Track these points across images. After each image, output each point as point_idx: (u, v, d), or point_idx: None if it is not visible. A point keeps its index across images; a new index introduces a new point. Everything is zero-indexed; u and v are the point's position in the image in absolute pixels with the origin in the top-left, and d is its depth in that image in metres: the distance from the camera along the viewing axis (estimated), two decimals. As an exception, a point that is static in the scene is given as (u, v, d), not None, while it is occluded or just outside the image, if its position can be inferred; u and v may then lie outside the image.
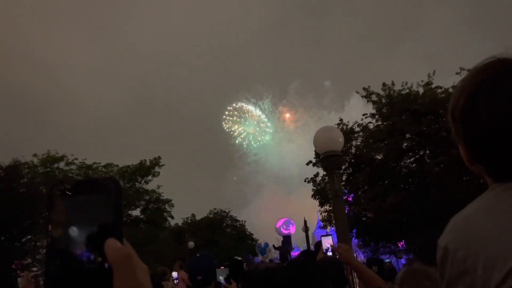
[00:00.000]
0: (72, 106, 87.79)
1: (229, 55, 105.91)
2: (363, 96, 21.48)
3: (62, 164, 24.81)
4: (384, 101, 20.79)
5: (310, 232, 29.72)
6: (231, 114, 75.43)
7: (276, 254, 22.35)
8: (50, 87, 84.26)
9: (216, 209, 45.10)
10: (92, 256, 0.53)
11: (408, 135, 19.83)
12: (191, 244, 28.09)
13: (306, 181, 23.14)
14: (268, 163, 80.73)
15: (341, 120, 21.97)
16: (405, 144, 20.07)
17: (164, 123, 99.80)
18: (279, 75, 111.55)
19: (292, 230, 31.07)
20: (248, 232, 46.63)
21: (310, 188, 23.07)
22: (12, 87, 73.64)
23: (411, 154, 20.55)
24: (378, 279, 2.66)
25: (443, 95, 19.16)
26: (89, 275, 0.53)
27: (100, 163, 26.84)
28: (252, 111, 77.09)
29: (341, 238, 6.61)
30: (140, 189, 27.76)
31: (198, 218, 43.95)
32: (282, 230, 29.56)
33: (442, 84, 19.96)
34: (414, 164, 20.43)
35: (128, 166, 27.32)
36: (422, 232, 17.24)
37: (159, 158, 28.01)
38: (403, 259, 27.39)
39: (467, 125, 0.90)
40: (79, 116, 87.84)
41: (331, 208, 20.29)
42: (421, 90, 20.16)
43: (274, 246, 19.39)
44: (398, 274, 2.56)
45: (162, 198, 28.78)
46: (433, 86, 19.93)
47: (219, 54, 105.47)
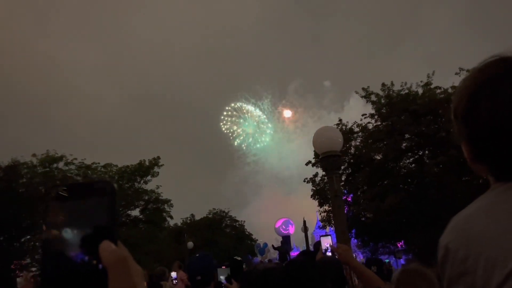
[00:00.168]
0: (72, 106, 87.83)
1: (229, 55, 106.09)
2: (362, 96, 21.49)
3: (61, 164, 24.76)
4: (383, 101, 20.79)
5: (310, 232, 29.76)
6: (230, 115, 75.39)
7: (275, 254, 22.33)
8: (49, 86, 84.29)
9: (215, 209, 45.12)
10: (87, 259, 0.54)
11: (407, 136, 19.83)
12: (190, 244, 28.09)
13: (305, 181, 23.15)
14: (267, 163, 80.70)
15: (340, 120, 21.99)
16: (404, 145, 20.07)
17: (164, 123, 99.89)
18: (279, 75, 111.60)
19: (292, 230, 31.08)
20: (247, 232, 46.61)
21: (309, 188, 23.10)
22: (11, 87, 73.66)
23: (410, 154, 20.56)
24: (377, 280, 2.66)
25: (443, 96, 19.17)
26: (84, 277, 0.53)
27: (99, 163, 26.79)
28: (251, 111, 77.08)
29: (340, 238, 6.61)
30: (139, 189, 27.73)
31: (197, 218, 43.96)
32: (282, 230, 29.56)
33: (441, 84, 20.01)
34: (413, 165, 20.44)
35: (127, 166, 27.28)
36: (421, 232, 17.25)
37: (158, 158, 27.99)
38: (402, 259, 27.40)
39: (469, 124, 0.90)
40: (79, 116, 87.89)
41: (330, 208, 20.29)
42: (420, 91, 20.17)
43: (273, 246, 19.38)
44: (394, 274, 2.56)
45: (161, 198, 28.77)
46: (432, 86, 19.94)
47: (219, 54, 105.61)
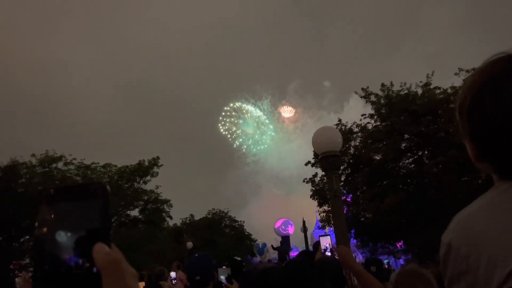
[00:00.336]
0: (71, 106, 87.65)
1: (229, 55, 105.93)
2: (362, 97, 21.50)
3: (60, 164, 24.71)
4: (383, 101, 20.81)
5: (309, 233, 29.78)
6: (229, 115, 75.39)
7: (274, 255, 22.34)
8: (49, 86, 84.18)
9: (214, 209, 45.10)
10: (81, 261, 0.54)
11: (406, 136, 19.85)
12: (190, 245, 28.08)
13: (305, 181, 23.16)
14: (267, 163, 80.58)
15: (339, 120, 22.00)
16: (403, 145, 20.09)
17: (163, 123, 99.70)
18: (279, 75, 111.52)
19: (291, 231, 31.14)
20: (247, 233, 46.61)
21: (309, 188, 23.11)
22: (10, 87, 73.57)
23: (409, 154, 20.58)
24: (378, 285, 2.65)
25: (442, 96, 19.20)
26: (78, 280, 0.53)
27: (98, 163, 26.75)
28: (251, 112, 77.04)
29: (339, 238, 6.61)
30: (139, 189, 27.71)
31: (197, 218, 43.94)
32: (281, 230, 29.59)
33: (440, 84, 20.04)
34: (413, 165, 20.46)
35: (127, 166, 27.24)
36: (420, 233, 17.29)
37: (158, 158, 27.97)
38: (401, 260, 27.44)
39: (473, 122, 0.90)
40: (78, 116, 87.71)
41: (329, 208, 20.29)
42: (419, 91, 20.19)
43: (272, 246, 19.40)
44: (392, 276, 2.56)
45: (160, 198, 28.74)
46: (431, 86, 19.96)
47: (218, 54, 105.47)
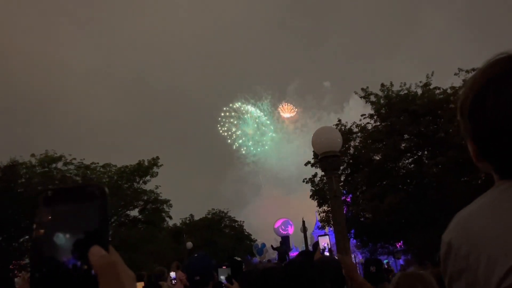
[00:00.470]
0: (71, 106, 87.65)
1: (229, 55, 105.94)
2: (361, 97, 21.50)
3: (60, 164, 24.68)
4: (382, 101, 20.80)
5: (309, 233, 29.71)
6: (229, 116, 75.41)
7: (274, 255, 22.33)
8: (48, 86, 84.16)
9: (214, 209, 45.12)
10: (78, 264, 0.53)
11: (406, 136, 19.85)
12: (189, 245, 28.09)
13: (304, 181, 23.15)
14: (267, 163, 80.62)
15: (339, 120, 22.01)
16: (403, 145, 20.09)
17: (163, 123, 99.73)
18: (278, 75, 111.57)
19: (291, 231, 31.07)
20: (246, 233, 46.62)
21: (308, 188, 23.11)
22: (10, 87, 73.55)
23: (409, 154, 20.58)
24: None
25: (442, 96, 19.20)
26: (76, 282, 0.53)
27: (98, 163, 26.72)
28: (251, 112, 77.07)
29: (339, 238, 6.62)
30: (138, 189, 27.67)
31: (197, 218, 43.96)
32: (281, 230, 29.55)
33: (440, 85, 20.02)
34: (413, 165, 20.46)
35: (127, 166, 27.21)
36: (420, 233, 17.28)
37: (158, 158, 27.94)
38: (401, 260, 27.43)
39: (473, 123, 0.91)
40: (78, 116, 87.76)
41: (329, 208, 20.28)
42: (419, 91, 20.18)
43: (272, 246, 19.38)
44: (393, 279, 2.57)
45: (160, 198, 28.72)
46: (431, 87, 19.95)
47: (218, 54, 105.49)
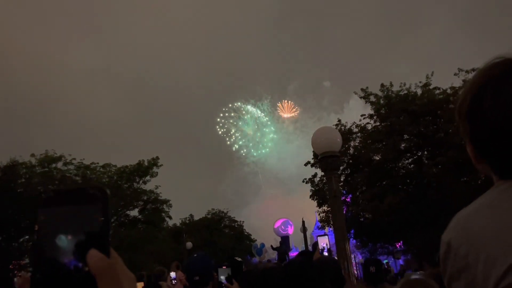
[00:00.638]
0: (71, 106, 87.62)
1: (229, 55, 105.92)
2: (361, 97, 21.51)
3: (60, 164, 24.71)
4: (382, 102, 20.81)
5: (308, 233, 29.70)
6: (228, 116, 75.48)
7: (274, 255, 22.32)
8: (48, 86, 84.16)
9: (214, 209, 45.12)
10: (79, 265, 0.54)
11: (406, 136, 19.85)
12: (189, 245, 28.09)
13: (304, 181, 23.15)
14: (267, 163, 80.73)
15: (339, 120, 22.02)
16: (403, 145, 20.09)
17: (163, 123, 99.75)
18: (278, 76, 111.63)
19: (291, 231, 31.07)
20: (246, 233, 46.61)
21: (308, 188, 23.11)
22: (10, 86, 73.54)
23: (409, 155, 20.58)
24: None
25: (441, 96, 19.20)
26: (76, 284, 0.53)
27: (98, 163, 26.74)
28: (251, 112, 77.15)
29: (339, 239, 6.62)
30: (138, 189, 27.69)
31: (196, 218, 43.95)
32: (281, 230, 29.55)
33: (440, 85, 20.01)
34: (412, 165, 20.47)
35: (126, 166, 27.23)
36: (420, 233, 17.26)
37: (157, 158, 27.95)
38: (401, 260, 27.46)
39: (472, 124, 0.92)
40: (78, 116, 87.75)
41: (329, 208, 20.28)
42: (419, 91, 20.18)
43: (272, 246, 19.36)
44: (397, 285, 2.57)
45: (160, 198, 28.73)
46: (431, 87, 19.95)
47: (219, 54, 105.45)
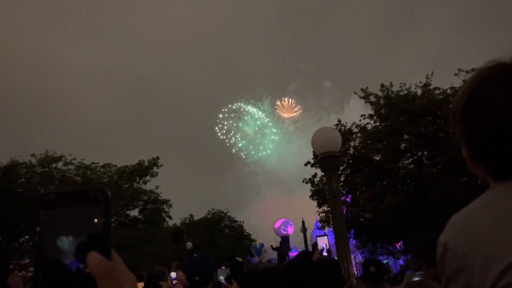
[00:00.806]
0: (71, 106, 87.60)
1: (228, 55, 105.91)
2: (361, 97, 21.51)
3: (60, 164, 24.69)
4: (382, 102, 20.81)
5: (308, 233, 29.74)
6: (228, 117, 75.52)
7: (274, 255, 22.34)
8: (48, 86, 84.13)
9: (214, 209, 45.11)
10: (79, 267, 0.54)
11: (406, 136, 19.85)
12: (189, 245, 28.10)
13: (304, 181, 23.15)
14: (267, 164, 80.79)
15: (339, 121, 22.01)
16: (403, 145, 20.09)
17: (163, 123, 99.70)
18: (279, 76, 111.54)
19: (291, 231, 31.15)
20: (246, 233, 46.60)
21: (308, 188, 23.10)
22: (9, 87, 73.53)
23: (409, 155, 20.58)
24: None
25: (441, 96, 19.20)
26: (77, 285, 0.54)
27: (98, 163, 26.72)
28: (251, 113, 77.19)
29: (339, 239, 6.62)
30: (138, 189, 27.67)
31: (196, 218, 43.94)
32: (281, 230, 29.59)
33: (440, 85, 19.99)
34: (412, 165, 20.46)
35: (127, 166, 27.22)
36: (420, 233, 17.27)
37: (158, 158, 27.94)
38: (401, 260, 27.46)
39: (467, 127, 0.93)
40: (78, 116, 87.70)
41: (329, 209, 20.28)
42: (419, 91, 20.17)
43: (272, 246, 19.39)
44: (400, 286, 2.56)
45: (160, 198, 28.70)
46: (431, 87, 19.94)
47: (219, 54, 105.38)
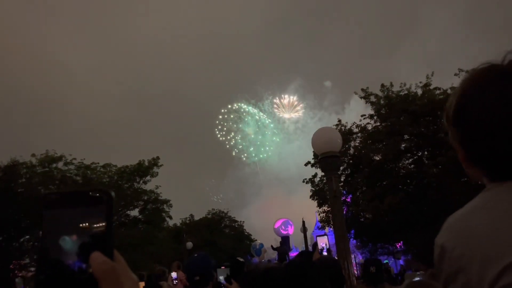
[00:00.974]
0: (71, 106, 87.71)
1: (228, 55, 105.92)
2: (361, 97, 21.51)
3: (60, 164, 24.66)
4: (382, 102, 20.81)
5: (309, 233, 29.74)
6: (227, 118, 75.56)
7: (274, 255, 22.33)
8: (49, 86, 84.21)
9: (214, 209, 45.17)
10: (82, 267, 0.54)
11: (406, 136, 19.84)
12: (190, 245, 28.12)
13: (304, 181, 23.15)
14: (267, 164, 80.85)
15: (339, 121, 22.01)
16: (403, 145, 20.08)
17: (163, 123, 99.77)
18: (279, 75, 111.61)
19: (291, 231, 31.13)
20: (246, 233, 46.65)
21: (308, 188, 23.10)
22: (10, 87, 73.59)
23: (409, 155, 20.58)
24: None
25: (442, 97, 19.18)
26: (79, 286, 0.54)
27: (98, 163, 26.69)
28: (252, 113, 77.22)
29: (339, 239, 6.62)
30: (139, 189, 27.65)
31: (197, 218, 43.97)
32: (281, 230, 29.59)
33: (440, 85, 20.00)
34: (412, 165, 20.46)
35: (127, 166, 27.20)
36: (420, 233, 17.26)
37: (158, 158, 27.93)
38: (401, 260, 27.45)
39: (460, 128, 0.94)
40: (78, 116, 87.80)
41: (329, 209, 20.27)
42: (419, 91, 20.17)
43: (272, 246, 19.37)
44: (401, 286, 2.56)
45: (160, 198, 28.68)
46: (431, 87, 19.94)
47: (219, 54, 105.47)
